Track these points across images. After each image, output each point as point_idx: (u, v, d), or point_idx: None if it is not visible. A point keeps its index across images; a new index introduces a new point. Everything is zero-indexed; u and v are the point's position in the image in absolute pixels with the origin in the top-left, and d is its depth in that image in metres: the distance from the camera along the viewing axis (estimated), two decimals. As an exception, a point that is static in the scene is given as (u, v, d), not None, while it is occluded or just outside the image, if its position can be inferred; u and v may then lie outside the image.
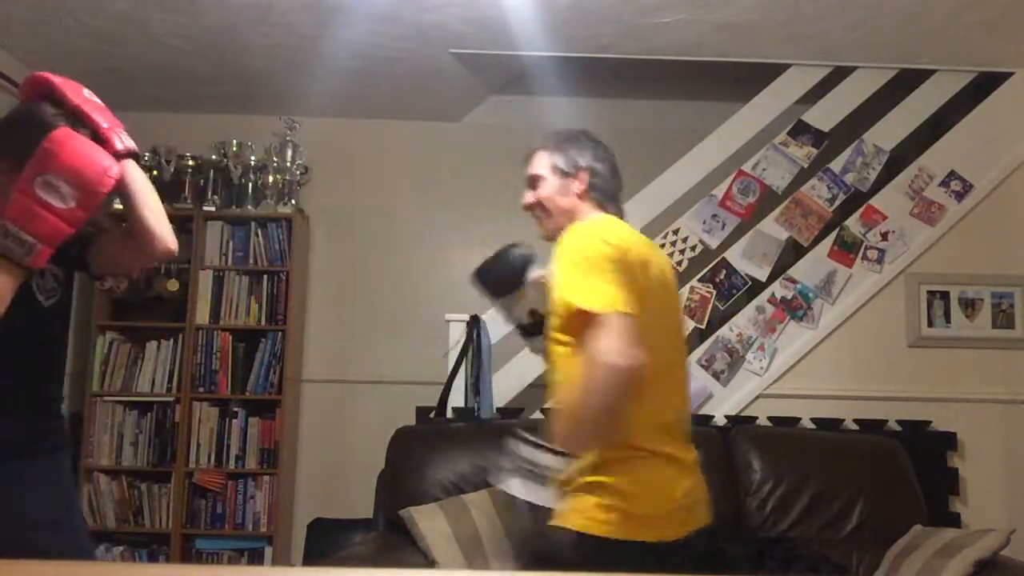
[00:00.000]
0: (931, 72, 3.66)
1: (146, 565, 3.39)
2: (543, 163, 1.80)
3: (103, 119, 1.61)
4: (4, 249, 1.48)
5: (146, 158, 3.86)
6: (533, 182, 1.81)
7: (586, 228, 1.65)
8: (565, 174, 1.77)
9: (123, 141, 1.63)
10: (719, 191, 3.65)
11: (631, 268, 1.56)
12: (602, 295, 1.50)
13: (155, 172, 3.95)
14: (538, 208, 1.80)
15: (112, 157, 1.57)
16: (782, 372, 3.48)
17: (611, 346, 1.44)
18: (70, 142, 1.50)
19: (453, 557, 2.57)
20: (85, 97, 1.63)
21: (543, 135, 1.87)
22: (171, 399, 3.88)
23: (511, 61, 3.67)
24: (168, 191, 3.94)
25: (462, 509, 2.72)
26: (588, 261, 1.55)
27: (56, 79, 1.61)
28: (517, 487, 1.51)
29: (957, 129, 3.65)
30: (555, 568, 1.49)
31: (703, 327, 3.56)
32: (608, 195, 1.78)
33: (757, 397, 3.46)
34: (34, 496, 1.72)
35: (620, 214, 1.79)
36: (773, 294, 3.54)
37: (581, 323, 1.50)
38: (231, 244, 4.03)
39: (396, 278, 4.27)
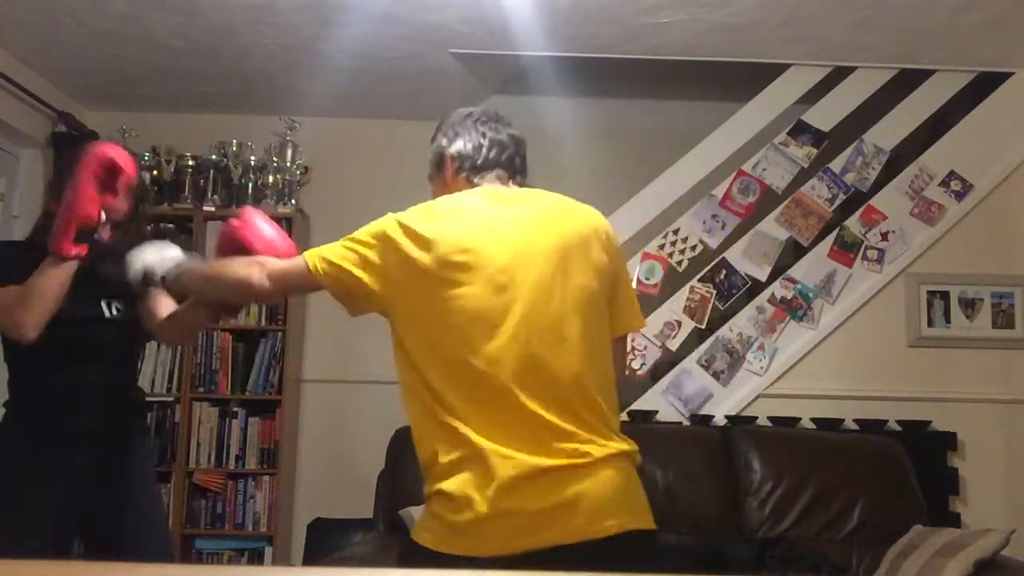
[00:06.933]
0: (931, 72, 3.65)
1: (146, 565, 3.39)
2: (429, 164, 1.73)
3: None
4: None
5: (146, 158, 3.85)
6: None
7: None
8: (437, 167, 1.69)
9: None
10: (719, 191, 3.65)
11: (394, 244, 1.58)
12: (321, 250, 1.63)
13: (155, 172, 3.94)
14: None
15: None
16: (782, 372, 3.48)
17: (272, 268, 1.69)
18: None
19: (453, 557, 2.57)
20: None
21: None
22: (171, 399, 3.87)
23: (511, 61, 3.67)
24: (168, 191, 3.94)
25: (462, 509, 2.71)
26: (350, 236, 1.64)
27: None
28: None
29: (957, 129, 3.65)
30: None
31: (703, 327, 3.56)
32: (478, 168, 1.63)
33: (757, 397, 3.46)
34: (110, 485, 2.01)
35: (504, 179, 1.63)
36: (773, 294, 3.54)
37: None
38: (231, 244, 4.02)
39: (396, 278, 4.25)
